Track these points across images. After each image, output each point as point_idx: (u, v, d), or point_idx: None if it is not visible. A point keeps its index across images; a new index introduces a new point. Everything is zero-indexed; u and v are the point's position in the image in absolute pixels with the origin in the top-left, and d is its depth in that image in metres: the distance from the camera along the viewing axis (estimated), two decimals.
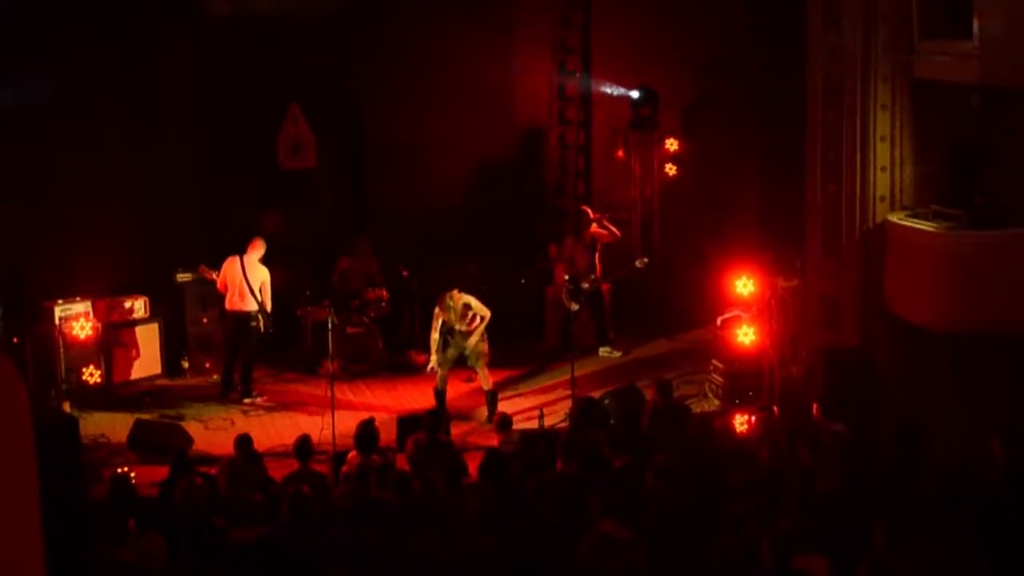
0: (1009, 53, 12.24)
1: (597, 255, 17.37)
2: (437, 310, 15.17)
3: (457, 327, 15.08)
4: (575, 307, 16.84)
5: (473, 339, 15.10)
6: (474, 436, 14.46)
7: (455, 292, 15.13)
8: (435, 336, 15.15)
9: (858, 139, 13.75)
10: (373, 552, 9.03)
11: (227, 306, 16.05)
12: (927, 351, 13.26)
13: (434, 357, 15.17)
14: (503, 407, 14.96)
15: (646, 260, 17.17)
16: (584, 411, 12.74)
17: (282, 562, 8.91)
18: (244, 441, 11.94)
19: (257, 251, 15.98)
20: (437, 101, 18.70)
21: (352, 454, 11.84)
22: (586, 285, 17.07)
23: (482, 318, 15.13)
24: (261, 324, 15.93)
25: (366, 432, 11.82)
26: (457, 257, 17.55)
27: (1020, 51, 12.20)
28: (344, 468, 11.81)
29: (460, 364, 15.51)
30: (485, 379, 15.27)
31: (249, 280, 15.85)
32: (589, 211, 17.65)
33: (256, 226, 17.24)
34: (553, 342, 17.77)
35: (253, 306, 15.88)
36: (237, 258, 15.92)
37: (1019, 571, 8.51)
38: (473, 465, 11.53)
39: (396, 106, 18.58)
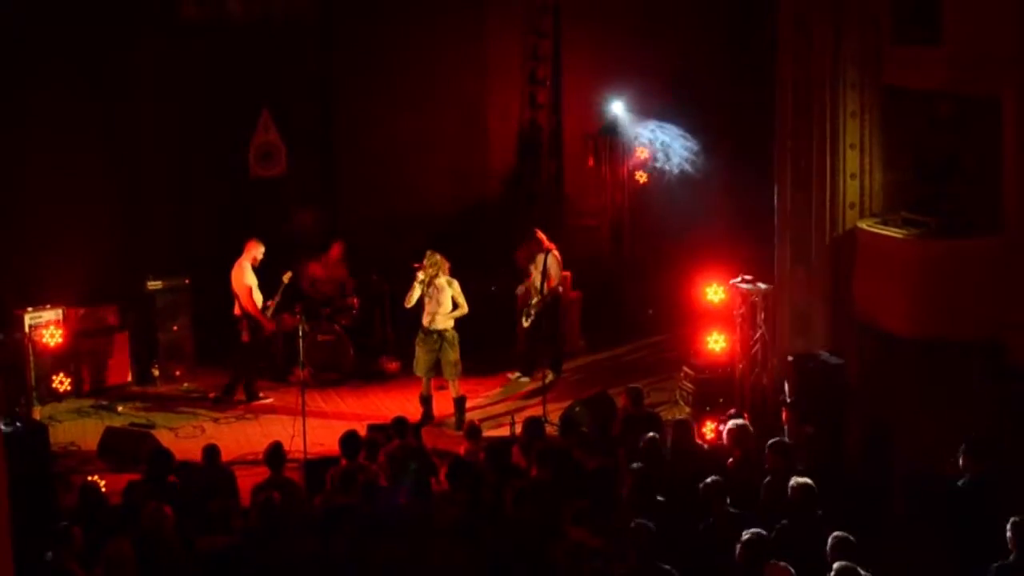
0: (979, 60, 12.32)
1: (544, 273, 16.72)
2: (418, 273, 15.03)
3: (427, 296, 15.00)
4: (526, 323, 16.78)
5: (442, 321, 15.02)
6: (443, 443, 14.41)
7: (440, 256, 15.05)
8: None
9: (827, 147, 13.78)
10: (342, 560, 9.03)
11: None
12: (896, 357, 13.29)
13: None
14: (474, 415, 14.95)
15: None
16: (532, 432, 12.55)
17: (250, 570, 8.89)
18: (211, 452, 11.83)
19: (247, 254, 15.82)
20: (409, 109, 18.68)
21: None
22: (534, 301, 16.74)
23: (458, 306, 15.10)
24: (244, 331, 15.89)
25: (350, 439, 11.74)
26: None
27: (990, 58, 12.27)
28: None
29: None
30: (455, 386, 15.25)
31: (233, 285, 15.86)
32: (541, 235, 16.88)
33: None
34: (524, 349, 17.71)
35: (238, 311, 15.88)
36: (237, 263, 15.89)
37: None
38: (442, 473, 11.51)
39: (368, 113, 18.56)
